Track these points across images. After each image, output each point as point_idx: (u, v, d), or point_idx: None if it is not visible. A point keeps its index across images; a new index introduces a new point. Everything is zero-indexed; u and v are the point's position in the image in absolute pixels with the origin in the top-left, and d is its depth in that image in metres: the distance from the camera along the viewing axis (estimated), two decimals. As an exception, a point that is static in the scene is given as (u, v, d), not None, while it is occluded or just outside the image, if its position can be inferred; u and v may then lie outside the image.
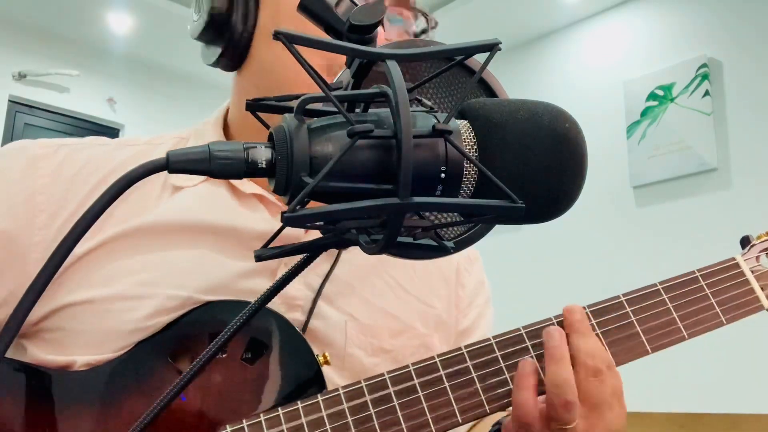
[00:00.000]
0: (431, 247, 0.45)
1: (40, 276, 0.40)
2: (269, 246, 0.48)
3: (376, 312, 0.74)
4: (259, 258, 0.47)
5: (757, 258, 0.72)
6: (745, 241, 0.74)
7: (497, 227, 0.52)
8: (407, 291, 0.78)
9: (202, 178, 0.72)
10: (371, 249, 0.42)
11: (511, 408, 0.62)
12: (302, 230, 0.71)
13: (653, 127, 3.49)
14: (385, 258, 0.68)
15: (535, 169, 0.42)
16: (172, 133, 0.80)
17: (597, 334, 0.65)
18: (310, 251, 0.48)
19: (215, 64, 0.77)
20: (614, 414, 0.60)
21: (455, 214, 0.49)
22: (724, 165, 3.24)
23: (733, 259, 0.71)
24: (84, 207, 0.67)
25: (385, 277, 0.76)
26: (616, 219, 3.56)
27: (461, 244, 0.51)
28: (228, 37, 0.73)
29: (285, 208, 0.74)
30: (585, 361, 0.60)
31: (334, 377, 0.69)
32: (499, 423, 0.66)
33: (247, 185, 0.73)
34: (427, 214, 0.48)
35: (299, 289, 0.70)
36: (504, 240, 3.77)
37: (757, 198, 3.06)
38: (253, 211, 0.72)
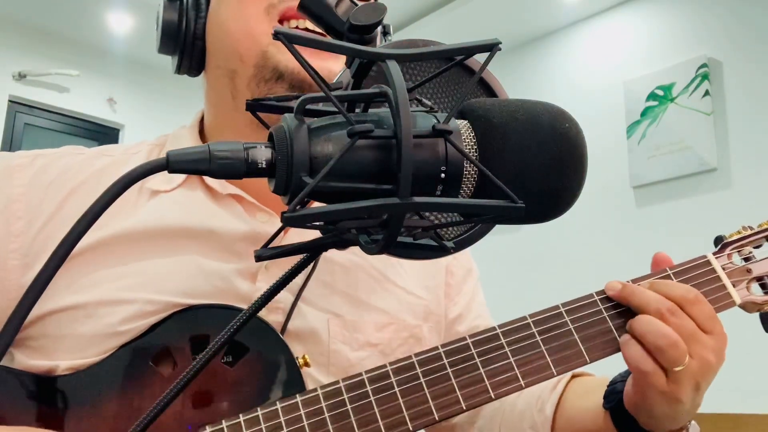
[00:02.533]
0: (431, 247, 0.45)
1: (39, 277, 0.40)
2: (269, 246, 0.48)
3: (360, 307, 0.74)
4: (259, 258, 0.47)
5: (729, 256, 0.72)
6: (717, 240, 0.75)
7: (497, 227, 0.52)
8: (394, 283, 0.78)
9: (178, 181, 0.73)
10: (371, 249, 0.42)
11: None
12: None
13: (653, 127, 3.49)
14: None
15: (535, 169, 0.42)
16: (149, 141, 0.81)
17: (570, 330, 0.65)
18: (310, 251, 0.48)
19: (180, 70, 0.79)
20: (716, 333, 0.62)
21: (455, 214, 0.49)
22: (724, 165, 3.24)
23: (705, 256, 0.72)
24: (59, 213, 0.69)
25: (370, 271, 0.77)
26: (616, 219, 3.55)
27: (461, 244, 0.51)
28: (183, 40, 0.75)
29: (262, 206, 0.75)
30: (657, 309, 0.62)
31: (319, 376, 0.69)
32: (614, 388, 0.67)
33: (223, 186, 0.74)
34: (427, 214, 0.48)
35: (284, 292, 0.70)
36: (504, 240, 3.77)
37: (757, 198, 3.06)
38: (231, 212, 0.73)
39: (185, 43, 0.76)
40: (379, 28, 0.82)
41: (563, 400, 0.77)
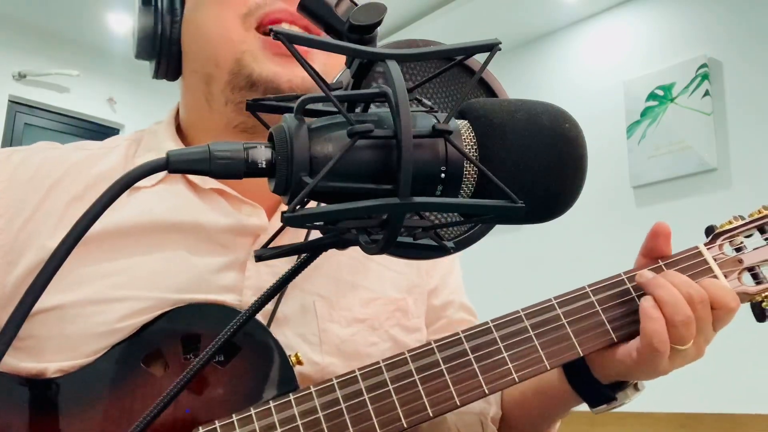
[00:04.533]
0: (431, 247, 0.45)
1: (39, 277, 0.40)
2: (269, 246, 0.48)
3: (344, 287, 0.75)
4: (259, 258, 0.47)
5: (721, 246, 0.72)
6: (709, 231, 0.74)
7: (497, 227, 0.52)
8: (374, 261, 0.79)
9: (159, 177, 0.73)
10: (371, 249, 0.42)
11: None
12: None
13: (653, 127, 3.49)
14: None
15: (535, 169, 0.42)
16: (126, 136, 0.81)
17: (563, 324, 0.67)
18: (310, 251, 0.48)
19: (157, 75, 0.80)
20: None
21: (455, 214, 0.49)
22: (724, 165, 3.24)
23: (696, 247, 0.72)
24: (40, 208, 0.68)
25: (351, 253, 0.77)
26: (616, 219, 3.55)
27: (461, 244, 0.51)
28: (159, 44, 0.76)
29: (246, 200, 0.76)
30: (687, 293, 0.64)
31: (313, 355, 0.69)
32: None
33: (204, 180, 0.73)
34: (427, 214, 0.48)
35: (270, 282, 0.70)
36: (504, 240, 3.77)
37: (757, 198, 3.05)
38: (215, 205, 0.73)
39: (161, 48, 0.76)
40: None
41: None
